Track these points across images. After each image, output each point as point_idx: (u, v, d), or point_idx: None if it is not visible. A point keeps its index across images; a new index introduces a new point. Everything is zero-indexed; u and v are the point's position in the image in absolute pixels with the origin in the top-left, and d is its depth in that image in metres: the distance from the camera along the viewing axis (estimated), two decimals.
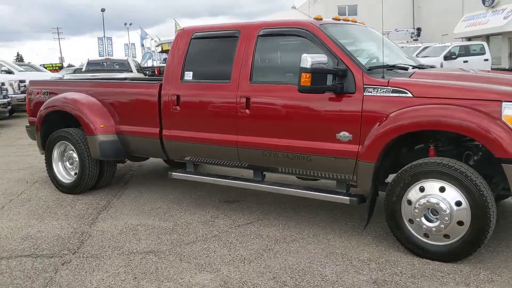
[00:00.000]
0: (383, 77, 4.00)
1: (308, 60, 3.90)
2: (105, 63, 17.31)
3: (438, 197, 3.62)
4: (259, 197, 5.58)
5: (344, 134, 4.06)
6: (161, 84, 5.25)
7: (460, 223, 3.56)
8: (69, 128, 5.94)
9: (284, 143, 4.39)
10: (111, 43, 65.89)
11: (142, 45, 47.29)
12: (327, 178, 4.39)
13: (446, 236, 3.63)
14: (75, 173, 5.99)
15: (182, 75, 5.07)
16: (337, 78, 4.06)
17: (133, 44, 78.51)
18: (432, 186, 3.66)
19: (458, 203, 3.55)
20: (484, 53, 20.65)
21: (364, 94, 3.97)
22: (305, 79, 3.91)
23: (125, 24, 75.79)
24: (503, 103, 3.46)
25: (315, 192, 4.38)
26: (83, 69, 16.80)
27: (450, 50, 20.19)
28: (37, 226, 4.83)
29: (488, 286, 3.36)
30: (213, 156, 4.98)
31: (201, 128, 4.93)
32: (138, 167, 7.46)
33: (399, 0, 34.93)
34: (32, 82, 6.70)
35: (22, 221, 4.99)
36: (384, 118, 3.86)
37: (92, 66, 16.67)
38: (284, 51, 4.88)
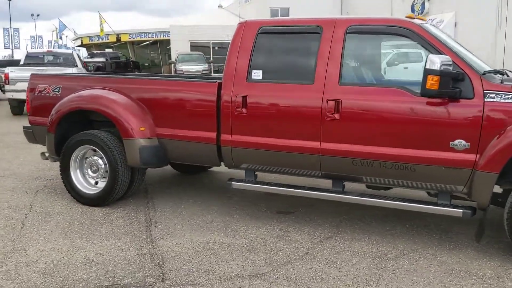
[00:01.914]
0: (502, 82, 3.81)
1: (437, 61, 3.60)
2: (46, 56, 15.73)
3: None
4: (311, 207, 5.19)
5: (460, 143, 3.82)
6: (219, 83, 4.69)
7: None
8: (95, 131, 5.15)
9: (383, 151, 4.06)
10: (18, 34, 61.18)
11: (61, 38, 44.26)
12: (427, 189, 4.13)
13: None
14: (97, 182, 5.23)
15: (249, 74, 4.55)
16: (452, 82, 3.80)
17: (40, 36, 73.57)
18: None
19: None
20: (421, 61, 21.58)
21: (485, 100, 3.75)
22: (433, 82, 3.62)
23: (32, 15, 70.58)
24: None
25: (421, 204, 4.09)
26: (21, 63, 15.11)
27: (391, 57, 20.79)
28: (90, 247, 4.08)
29: None
30: (285, 164, 4.52)
31: (274, 134, 4.45)
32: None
33: (329, 6, 35.84)
34: (35, 76, 5.75)
35: (65, 242, 4.19)
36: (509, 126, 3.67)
37: (32, 59, 15.04)
38: (378, 50, 4.55)
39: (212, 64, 31.20)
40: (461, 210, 3.91)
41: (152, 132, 4.94)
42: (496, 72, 4.12)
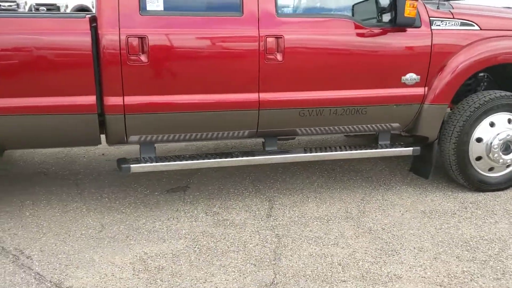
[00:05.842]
0: (438, 8, 3.65)
1: None
2: None
3: None
4: (198, 175, 4.35)
5: (411, 76, 3.60)
6: (92, 18, 3.08)
7: None
8: None
9: (334, 95, 3.52)
10: None
11: None
12: (371, 131, 3.83)
13: None
14: None
15: (142, 5, 3.11)
16: None
17: None
18: None
19: None
20: None
21: (432, 28, 3.55)
22: (412, 9, 3.18)
23: None
24: None
25: (370, 149, 3.81)
26: None
27: None
28: None
29: None
30: (207, 128, 3.44)
31: (191, 89, 3.26)
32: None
33: None
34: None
35: None
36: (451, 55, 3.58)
37: None
38: None
39: None
40: (411, 148, 3.76)
41: None
42: None
